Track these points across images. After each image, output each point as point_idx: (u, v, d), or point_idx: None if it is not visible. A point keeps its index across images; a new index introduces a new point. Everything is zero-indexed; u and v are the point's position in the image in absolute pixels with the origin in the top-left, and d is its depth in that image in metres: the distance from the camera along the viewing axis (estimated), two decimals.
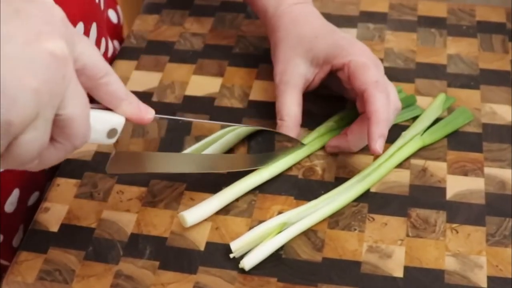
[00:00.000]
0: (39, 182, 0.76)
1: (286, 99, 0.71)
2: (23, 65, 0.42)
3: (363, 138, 0.67)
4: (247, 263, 0.62)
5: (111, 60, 0.85)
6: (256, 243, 0.63)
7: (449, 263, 0.62)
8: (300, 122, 0.71)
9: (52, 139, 0.47)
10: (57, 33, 0.45)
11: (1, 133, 0.41)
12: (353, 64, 0.68)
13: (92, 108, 0.51)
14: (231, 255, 0.62)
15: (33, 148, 0.44)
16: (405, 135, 0.71)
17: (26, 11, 0.44)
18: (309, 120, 0.73)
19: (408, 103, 0.75)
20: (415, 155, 0.70)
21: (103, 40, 0.79)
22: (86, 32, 0.72)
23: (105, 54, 0.81)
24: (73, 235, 0.66)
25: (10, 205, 0.72)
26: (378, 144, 0.64)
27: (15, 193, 0.73)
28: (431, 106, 0.74)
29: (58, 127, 0.47)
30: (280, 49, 0.73)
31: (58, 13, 0.47)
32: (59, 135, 0.47)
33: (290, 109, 0.70)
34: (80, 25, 0.70)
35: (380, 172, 0.68)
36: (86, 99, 0.49)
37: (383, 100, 0.65)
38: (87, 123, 0.49)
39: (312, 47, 0.71)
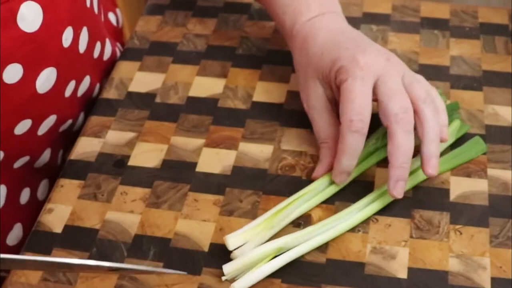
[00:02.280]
0: (27, 179, 0.77)
1: (319, 123, 0.69)
2: None
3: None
4: (238, 287, 0.61)
5: (109, 63, 0.85)
6: (249, 267, 0.61)
7: (453, 264, 0.62)
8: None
9: None
10: None
11: None
12: (343, 87, 0.65)
13: None
14: (223, 278, 0.61)
15: None
16: (414, 162, 0.67)
17: None
18: None
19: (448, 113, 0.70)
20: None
21: (98, 44, 0.79)
22: (76, 37, 0.71)
23: (99, 58, 0.81)
24: (77, 236, 0.66)
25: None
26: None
27: (2, 189, 0.73)
28: None
29: None
30: (298, 74, 0.72)
31: None
32: None
33: (325, 132, 0.69)
34: (69, 30, 0.70)
35: (383, 200, 0.66)
36: None
37: (352, 141, 0.63)
38: None
39: (320, 66, 0.68)
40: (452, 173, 0.69)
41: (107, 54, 0.84)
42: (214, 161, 0.71)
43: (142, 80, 0.81)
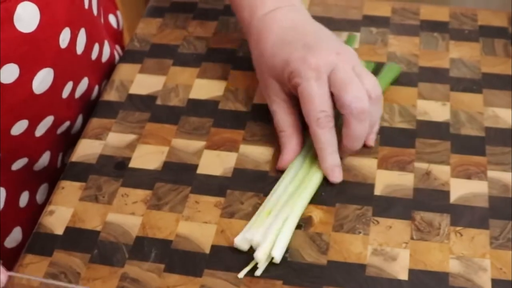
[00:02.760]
0: (27, 183, 0.77)
1: (278, 114, 0.71)
2: None
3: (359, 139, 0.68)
4: (277, 254, 0.62)
5: (108, 65, 0.85)
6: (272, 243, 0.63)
7: (454, 266, 0.62)
8: (300, 129, 0.71)
9: None
10: None
11: None
12: (300, 90, 0.67)
13: None
14: (258, 272, 0.62)
15: None
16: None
17: None
18: None
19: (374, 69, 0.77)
20: (418, 158, 0.71)
21: (96, 46, 0.79)
22: (73, 38, 0.71)
23: (98, 60, 0.81)
24: (78, 238, 0.66)
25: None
26: (334, 175, 0.68)
27: (1, 192, 0.73)
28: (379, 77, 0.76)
29: None
30: (256, 70, 0.74)
31: None
32: None
33: (284, 120, 0.71)
34: (66, 31, 0.70)
35: None
36: None
37: (326, 136, 0.67)
38: None
39: (272, 67, 0.70)
40: (453, 175, 0.69)
41: (105, 56, 0.84)
42: (215, 163, 0.72)
43: (143, 82, 0.81)
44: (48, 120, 0.73)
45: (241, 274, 0.62)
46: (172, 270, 0.63)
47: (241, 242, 0.63)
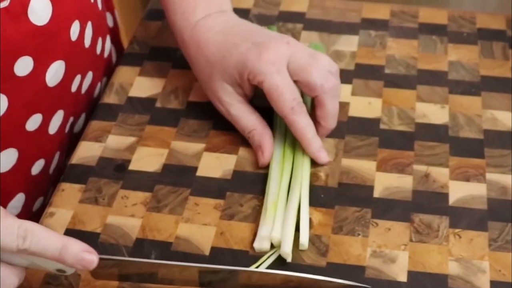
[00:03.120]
0: (43, 187, 0.77)
1: (241, 116, 0.72)
2: None
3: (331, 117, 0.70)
4: (305, 241, 0.63)
5: (107, 62, 0.86)
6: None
7: (452, 268, 0.62)
8: (266, 123, 0.72)
9: None
10: None
11: None
12: (266, 86, 0.68)
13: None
14: (289, 258, 0.62)
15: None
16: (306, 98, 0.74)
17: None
18: None
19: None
20: (417, 160, 0.71)
21: (99, 40, 0.80)
22: (82, 31, 0.72)
23: (101, 55, 0.82)
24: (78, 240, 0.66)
25: (13, 208, 0.73)
26: (321, 156, 0.70)
27: (19, 197, 0.73)
28: None
29: None
30: (201, 80, 0.75)
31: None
32: None
33: (251, 119, 0.72)
34: (76, 23, 0.71)
35: None
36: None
37: (304, 122, 0.68)
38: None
39: (224, 69, 0.71)
40: (451, 177, 0.69)
41: (106, 51, 0.85)
42: (215, 165, 0.72)
43: (142, 85, 0.81)
44: (60, 115, 0.74)
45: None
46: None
47: (260, 243, 0.64)
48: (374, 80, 0.80)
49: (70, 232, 0.67)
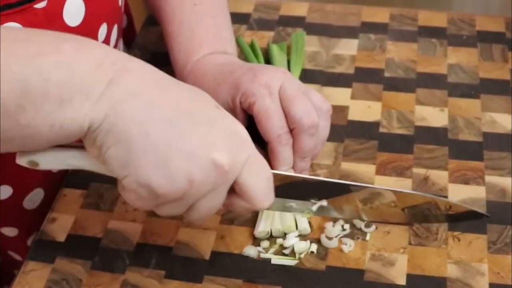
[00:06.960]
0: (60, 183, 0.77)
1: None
2: (188, 160, 0.51)
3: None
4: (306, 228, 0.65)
5: None
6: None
7: (451, 271, 0.62)
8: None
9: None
10: (228, 150, 0.52)
11: (151, 198, 0.53)
12: (256, 109, 0.65)
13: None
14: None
15: (207, 209, 0.55)
16: None
17: (216, 123, 0.53)
18: None
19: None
20: (417, 164, 0.71)
21: (120, 42, 0.81)
22: (108, 34, 0.73)
23: None
24: (79, 245, 0.67)
25: (30, 202, 0.73)
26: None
27: (38, 192, 0.73)
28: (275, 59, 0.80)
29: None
30: None
31: (240, 135, 0.54)
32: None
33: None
34: (104, 26, 0.71)
35: None
36: (264, 174, 0.56)
37: (286, 155, 0.65)
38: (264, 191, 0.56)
39: (218, 96, 0.68)
40: (451, 180, 0.70)
41: None
42: None
43: None
44: None
45: (274, 260, 0.64)
46: (172, 276, 0.63)
47: (261, 232, 0.65)
48: (374, 84, 0.80)
49: (72, 238, 0.67)
